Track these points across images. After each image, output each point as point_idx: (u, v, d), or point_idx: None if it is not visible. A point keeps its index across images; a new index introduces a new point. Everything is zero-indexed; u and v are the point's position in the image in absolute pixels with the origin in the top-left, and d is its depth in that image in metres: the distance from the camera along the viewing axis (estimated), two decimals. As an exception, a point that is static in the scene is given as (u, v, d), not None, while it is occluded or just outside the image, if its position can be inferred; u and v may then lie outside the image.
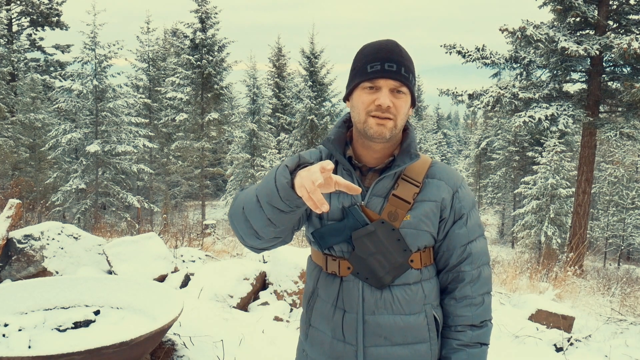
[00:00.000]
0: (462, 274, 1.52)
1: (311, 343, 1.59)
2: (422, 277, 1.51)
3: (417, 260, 1.50)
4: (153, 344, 2.84)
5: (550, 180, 20.06)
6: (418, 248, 1.49)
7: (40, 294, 3.31)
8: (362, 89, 1.43)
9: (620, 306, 6.31)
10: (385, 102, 1.40)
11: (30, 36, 25.84)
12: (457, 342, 1.51)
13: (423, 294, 1.50)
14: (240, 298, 4.48)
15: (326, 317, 1.54)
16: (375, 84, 1.41)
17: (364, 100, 1.43)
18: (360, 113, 1.44)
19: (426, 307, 1.50)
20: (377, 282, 1.47)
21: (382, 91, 1.41)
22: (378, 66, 1.41)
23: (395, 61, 1.42)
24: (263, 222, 1.34)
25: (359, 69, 1.45)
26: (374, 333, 1.48)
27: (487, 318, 1.54)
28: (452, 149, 52.96)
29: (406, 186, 1.48)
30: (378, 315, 1.47)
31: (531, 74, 13.65)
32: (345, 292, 1.50)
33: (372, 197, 1.48)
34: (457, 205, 1.52)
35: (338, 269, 1.51)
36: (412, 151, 1.48)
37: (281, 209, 1.29)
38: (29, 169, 20.01)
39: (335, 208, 1.49)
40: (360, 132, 1.46)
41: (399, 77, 1.41)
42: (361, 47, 1.50)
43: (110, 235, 9.19)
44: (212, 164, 27.74)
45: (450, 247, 1.52)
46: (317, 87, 24.66)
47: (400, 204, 1.46)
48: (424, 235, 1.49)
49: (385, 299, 1.47)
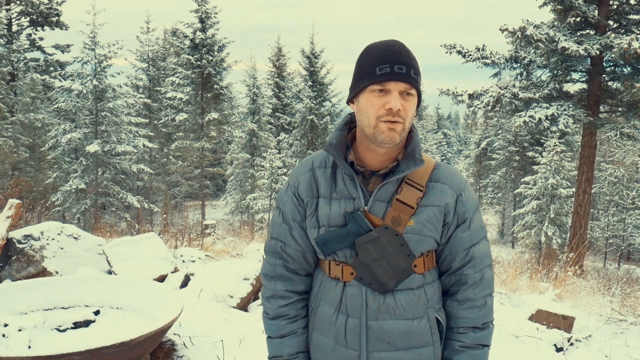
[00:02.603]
0: (464, 277, 1.51)
1: (314, 348, 1.58)
2: (425, 281, 1.50)
3: (421, 265, 1.49)
4: (153, 344, 2.84)
5: (551, 180, 20.06)
6: (421, 253, 1.48)
7: (40, 294, 3.31)
8: (370, 92, 1.40)
9: (620, 306, 6.30)
10: (396, 106, 1.37)
11: (30, 36, 25.82)
12: (459, 344, 1.51)
13: (425, 297, 1.50)
14: (240, 298, 4.48)
15: (328, 322, 1.53)
16: (385, 86, 1.38)
17: (373, 104, 1.40)
18: (370, 117, 1.41)
19: (428, 311, 1.50)
20: (380, 288, 1.46)
21: (393, 94, 1.38)
22: (387, 68, 1.38)
23: (404, 63, 1.39)
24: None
25: (367, 71, 1.41)
26: (378, 338, 1.47)
27: (489, 320, 1.53)
28: (452, 149, 52.95)
29: (410, 190, 1.46)
30: (381, 320, 1.47)
31: (531, 73, 13.63)
32: (348, 297, 1.49)
33: (375, 202, 1.47)
34: (461, 209, 1.50)
35: (341, 274, 1.50)
36: (416, 156, 1.46)
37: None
38: (29, 169, 20.00)
39: (337, 214, 1.48)
40: (368, 136, 1.43)
41: (409, 79, 1.39)
42: (366, 48, 1.47)
43: (110, 235, 9.18)
44: (212, 164, 27.74)
45: (453, 251, 1.51)
46: (317, 87, 24.65)
47: (403, 209, 1.45)
48: (427, 241, 1.48)
49: (388, 304, 1.47)
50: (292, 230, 1.56)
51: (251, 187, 24.20)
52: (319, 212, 1.51)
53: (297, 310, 1.59)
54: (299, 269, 1.58)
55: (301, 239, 1.55)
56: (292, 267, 1.57)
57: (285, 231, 1.57)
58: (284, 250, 1.57)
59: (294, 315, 1.58)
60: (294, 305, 1.59)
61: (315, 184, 1.53)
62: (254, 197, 21.81)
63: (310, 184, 1.53)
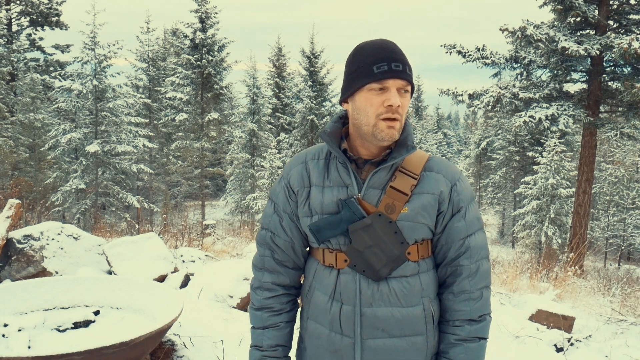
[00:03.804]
0: (460, 268, 1.51)
1: (309, 336, 1.60)
2: (420, 270, 1.51)
3: (414, 253, 1.50)
4: (153, 344, 2.84)
5: (551, 180, 20.06)
6: (415, 240, 1.49)
7: (40, 294, 3.31)
8: (368, 90, 1.42)
9: (620, 306, 6.30)
10: (396, 102, 1.40)
11: (30, 36, 25.81)
12: (454, 337, 1.51)
13: (420, 286, 1.50)
14: (240, 298, 4.47)
15: (323, 310, 1.54)
16: (383, 84, 1.40)
17: (372, 102, 1.41)
18: (370, 116, 1.42)
19: (424, 300, 1.50)
20: (373, 275, 1.47)
21: (392, 91, 1.40)
22: (385, 66, 1.40)
23: (400, 60, 1.42)
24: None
25: (363, 70, 1.42)
26: (372, 325, 1.48)
27: (485, 312, 1.53)
28: (452, 149, 52.95)
29: (404, 178, 1.47)
30: (375, 307, 1.47)
31: (531, 73, 13.62)
32: (342, 284, 1.50)
33: (368, 189, 1.48)
34: (456, 198, 1.51)
35: (335, 262, 1.51)
36: (408, 143, 1.48)
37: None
38: (29, 169, 19.99)
39: (330, 201, 1.49)
40: (366, 134, 1.45)
41: (406, 76, 1.42)
42: (356, 48, 1.48)
43: (110, 235, 9.18)
44: (212, 164, 27.74)
45: (448, 241, 1.51)
46: (317, 87, 24.65)
47: (397, 196, 1.46)
48: (421, 228, 1.48)
49: (382, 291, 1.47)
50: (282, 221, 1.58)
51: (251, 187, 24.20)
52: (311, 200, 1.52)
53: (281, 305, 1.62)
54: (286, 260, 1.60)
55: (290, 230, 1.58)
56: (280, 258, 1.60)
57: (275, 222, 1.59)
58: (272, 241, 1.60)
59: (278, 308, 1.61)
60: (278, 298, 1.61)
61: (307, 174, 1.55)
62: (254, 197, 21.81)
63: (302, 175, 1.56)
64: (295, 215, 1.57)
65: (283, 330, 1.62)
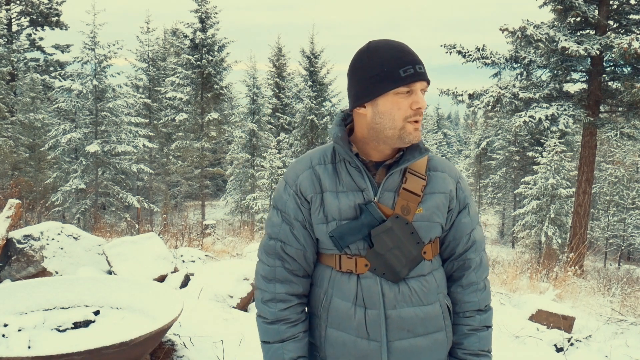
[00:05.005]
0: (468, 262, 1.57)
1: (331, 345, 1.55)
2: (433, 267, 1.55)
3: (429, 252, 1.53)
4: (153, 344, 2.84)
5: (551, 180, 20.06)
6: (430, 239, 1.53)
7: (40, 294, 3.31)
8: (395, 94, 1.41)
9: (620, 306, 6.30)
10: (424, 104, 1.43)
11: (30, 36, 25.83)
12: (467, 327, 1.57)
13: (436, 283, 1.54)
14: (240, 298, 4.47)
15: (346, 316, 1.51)
16: (411, 87, 1.42)
17: (401, 106, 1.42)
18: (396, 119, 1.42)
19: (439, 296, 1.55)
20: (393, 277, 1.49)
21: (418, 94, 1.43)
22: (411, 70, 1.41)
23: (420, 62, 1.44)
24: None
25: (387, 74, 1.40)
26: (398, 327, 1.49)
27: (489, 302, 1.61)
28: (452, 149, 52.97)
29: (414, 180, 1.50)
30: (399, 309, 1.49)
31: (531, 73, 13.62)
32: (364, 289, 1.49)
33: (384, 193, 1.49)
34: (461, 195, 1.58)
35: (355, 267, 1.50)
36: (421, 145, 1.50)
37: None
38: (29, 169, 20.00)
39: (347, 206, 1.48)
40: (389, 138, 1.44)
41: (428, 77, 1.45)
42: (370, 50, 1.45)
43: (110, 235, 9.18)
44: (212, 164, 27.75)
45: (457, 236, 1.57)
46: (317, 87, 24.66)
47: (411, 198, 1.49)
48: (435, 227, 1.52)
49: (403, 292, 1.49)
50: (293, 229, 1.54)
51: (251, 187, 24.21)
52: (327, 207, 1.50)
53: (297, 315, 1.57)
54: (297, 269, 1.57)
55: (303, 238, 1.54)
56: (292, 267, 1.56)
57: (285, 231, 1.55)
58: (283, 250, 1.55)
59: (294, 319, 1.56)
60: (294, 309, 1.57)
61: (317, 179, 1.53)
62: (254, 197, 21.82)
63: (312, 181, 1.53)
64: (308, 222, 1.54)
65: (302, 341, 1.58)
